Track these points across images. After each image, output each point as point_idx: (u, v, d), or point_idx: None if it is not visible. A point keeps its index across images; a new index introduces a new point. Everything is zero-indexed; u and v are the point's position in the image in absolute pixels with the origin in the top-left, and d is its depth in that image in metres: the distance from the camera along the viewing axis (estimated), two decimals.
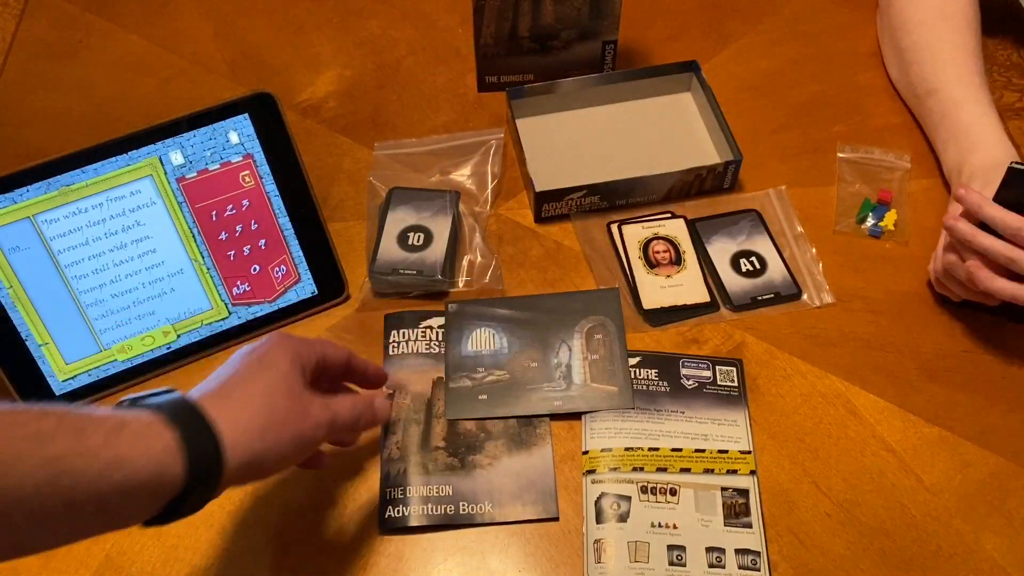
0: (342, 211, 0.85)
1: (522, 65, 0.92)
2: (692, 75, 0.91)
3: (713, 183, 0.85)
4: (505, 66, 0.92)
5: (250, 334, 0.78)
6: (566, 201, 0.83)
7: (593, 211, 0.85)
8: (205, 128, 0.72)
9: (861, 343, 0.77)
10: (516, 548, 0.67)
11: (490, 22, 0.87)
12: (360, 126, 0.92)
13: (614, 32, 0.90)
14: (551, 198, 0.83)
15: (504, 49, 0.90)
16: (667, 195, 0.85)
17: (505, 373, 0.75)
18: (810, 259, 0.82)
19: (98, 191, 0.71)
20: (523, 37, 0.89)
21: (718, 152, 0.88)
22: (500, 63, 0.92)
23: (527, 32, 0.89)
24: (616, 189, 0.83)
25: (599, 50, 0.92)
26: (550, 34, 0.89)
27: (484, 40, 0.89)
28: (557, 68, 0.92)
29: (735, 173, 0.85)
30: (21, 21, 1.03)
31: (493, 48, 0.90)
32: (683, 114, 0.91)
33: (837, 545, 0.67)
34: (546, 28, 0.89)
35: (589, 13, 0.87)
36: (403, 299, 0.80)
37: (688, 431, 0.72)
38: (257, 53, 0.99)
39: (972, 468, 0.70)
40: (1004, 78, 0.95)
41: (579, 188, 0.82)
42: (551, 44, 0.90)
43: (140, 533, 0.68)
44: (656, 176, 0.83)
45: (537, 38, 0.89)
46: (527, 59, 0.91)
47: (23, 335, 0.72)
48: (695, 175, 0.84)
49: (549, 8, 0.87)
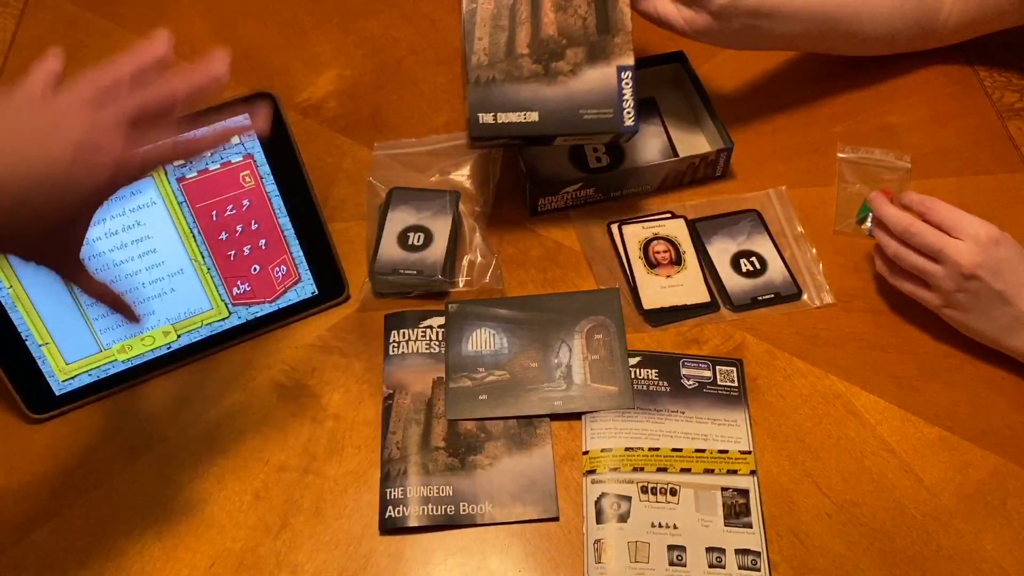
0: (342, 211, 0.85)
1: (522, 99, 0.76)
2: (679, 66, 0.91)
3: (706, 171, 0.86)
4: (502, 99, 0.76)
5: (250, 334, 0.78)
6: (562, 194, 0.83)
7: (589, 203, 0.85)
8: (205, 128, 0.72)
9: (861, 343, 0.77)
10: (516, 548, 0.67)
11: (483, 33, 0.76)
12: (360, 126, 0.92)
13: (628, 54, 0.76)
14: (547, 191, 0.83)
15: (502, 73, 0.76)
16: (661, 185, 0.86)
17: (505, 373, 0.75)
18: (810, 259, 0.82)
19: None
20: (522, 55, 0.76)
21: (709, 142, 0.88)
22: (496, 94, 0.76)
23: (526, 47, 0.76)
24: (611, 181, 0.84)
25: (614, 79, 0.77)
26: (553, 52, 0.76)
27: (477, 59, 0.76)
28: (566, 104, 0.76)
29: (727, 160, 0.86)
30: (21, 21, 1.03)
31: (488, 70, 0.76)
32: (671, 106, 0.91)
33: (837, 545, 0.67)
34: (549, 43, 0.77)
35: (596, 25, 0.77)
36: (403, 299, 0.80)
37: (688, 431, 0.72)
38: (257, 53, 0.99)
39: (972, 468, 0.70)
40: (1004, 78, 0.95)
41: (575, 181, 0.83)
42: (556, 68, 0.76)
43: (141, 532, 0.68)
44: (650, 166, 0.84)
45: (539, 57, 0.76)
46: (529, 88, 0.76)
47: (23, 335, 0.72)
48: (688, 164, 0.85)
49: (550, 16, 0.77)
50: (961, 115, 0.92)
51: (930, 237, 0.71)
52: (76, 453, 0.73)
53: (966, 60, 0.96)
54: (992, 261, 0.69)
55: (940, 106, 0.92)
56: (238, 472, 0.71)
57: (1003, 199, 0.85)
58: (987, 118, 0.91)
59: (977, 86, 0.94)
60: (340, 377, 0.76)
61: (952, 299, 0.72)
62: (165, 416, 0.75)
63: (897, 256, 0.74)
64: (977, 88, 0.94)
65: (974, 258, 0.69)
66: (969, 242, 0.70)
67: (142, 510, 0.70)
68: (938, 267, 0.71)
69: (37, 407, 0.74)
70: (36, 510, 0.70)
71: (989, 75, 0.95)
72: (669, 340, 0.77)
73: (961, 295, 0.71)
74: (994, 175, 0.87)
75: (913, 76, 0.94)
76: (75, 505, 0.70)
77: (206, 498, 0.70)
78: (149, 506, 0.70)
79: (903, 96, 0.93)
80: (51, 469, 0.72)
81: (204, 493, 0.70)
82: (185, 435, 0.73)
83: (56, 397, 0.74)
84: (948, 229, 0.71)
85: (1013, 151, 0.89)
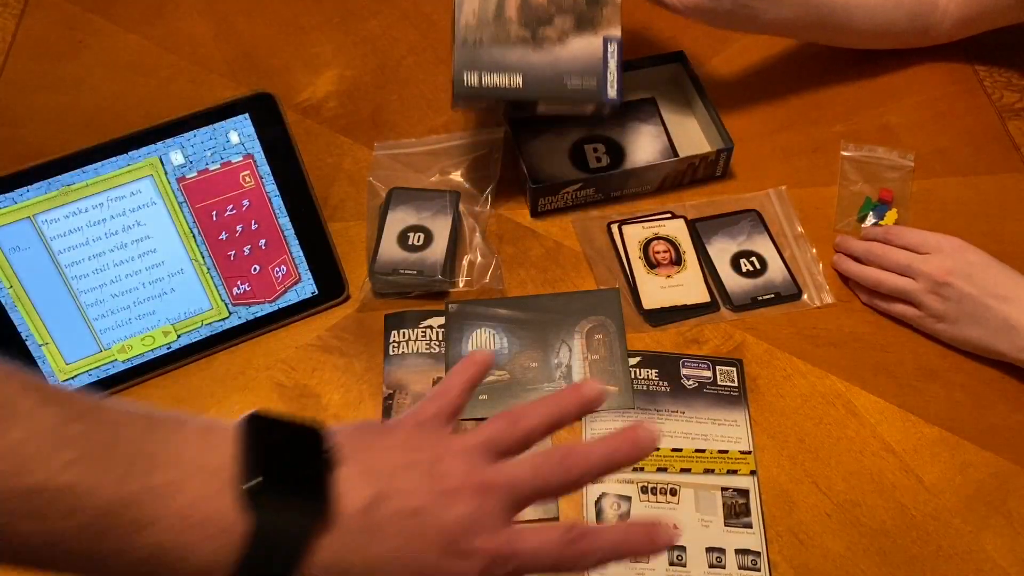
0: (342, 211, 0.85)
1: (508, 62, 0.77)
2: (680, 66, 0.91)
3: (706, 172, 0.86)
4: (488, 60, 0.76)
5: (250, 334, 0.78)
6: (562, 195, 0.83)
7: (589, 204, 0.85)
8: (205, 128, 0.72)
9: (861, 343, 0.77)
10: None
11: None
12: (360, 126, 0.92)
13: (615, 26, 0.78)
14: (547, 192, 0.83)
15: (489, 36, 0.76)
16: (661, 185, 0.86)
17: (505, 373, 0.75)
18: (810, 259, 0.82)
19: (98, 191, 0.71)
20: (511, 20, 0.77)
21: (709, 142, 0.88)
22: (483, 56, 0.76)
23: (515, 14, 0.77)
24: (611, 181, 0.84)
25: (600, 49, 0.78)
26: (542, 19, 0.77)
27: (466, 20, 0.76)
28: (550, 70, 0.77)
29: (727, 160, 0.86)
30: (21, 21, 1.03)
31: (475, 32, 0.76)
32: (671, 106, 0.91)
33: (837, 545, 0.67)
34: (538, 11, 0.77)
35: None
36: (403, 299, 0.80)
37: (688, 431, 0.72)
38: (257, 53, 0.99)
39: (972, 468, 0.70)
40: (1004, 78, 0.95)
41: (574, 181, 0.83)
42: (543, 34, 0.77)
43: None
44: (650, 166, 0.84)
45: (527, 22, 0.77)
46: (515, 52, 0.77)
47: (23, 335, 0.72)
48: (688, 164, 0.84)
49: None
50: (961, 115, 0.92)
51: (898, 256, 0.76)
52: None
53: (966, 60, 0.96)
54: (962, 265, 0.73)
55: (940, 106, 0.92)
56: None
57: (1003, 199, 0.85)
58: (987, 118, 0.91)
59: (977, 86, 0.94)
60: (340, 377, 0.76)
61: (936, 311, 0.74)
62: None
63: (877, 283, 0.76)
64: (977, 88, 0.94)
65: (943, 264, 0.73)
66: (935, 253, 0.74)
67: None
68: (913, 282, 0.74)
69: None
70: None
71: (989, 75, 0.95)
72: (669, 340, 0.77)
73: (942, 306, 0.73)
74: (994, 175, 0.87)
75: (913, 76, 0.94)
76: None
77: None
78: None
79: (903, 96, 0.93)
80: None
81: None
82: None
83: None
84: (915, 248, 0.75)
85: (1013, 151, 0.89)
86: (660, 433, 0.44)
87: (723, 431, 0.72)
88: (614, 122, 0.89)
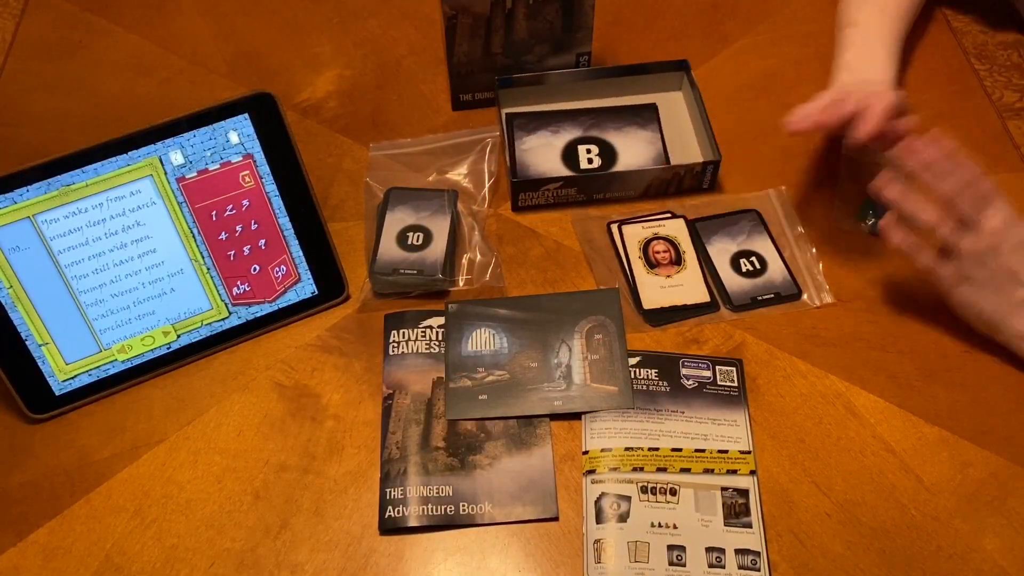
0: (342, 211, 0.86)
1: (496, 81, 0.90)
2: (683, 74, 0.91)
3: (692, 183, 0.86)
4: (479, 83, 0.90)
5: (250, 334, 0.78)
6: (543, 192, 0.83)
7: (570, 203, 0.86)
8: (205, 128, 0.72)
9: (861, 343, 0.77)
10: (516, 548, 0.67)
11: (463, 40, 0.86)
12: (360, 126, 0.92)
13: (587, 43, 0.89)
14: (527, 187, 0.83)
15: (477, 67, 0.89)
16: (645, 191, 0.86)
17: (505, 373, 0.75)
18: (810, 259, 0.82)
19: (98, 191, 0.71)
20: (496, 53, 0.88)
21: (701, 152, 0.88)
22: (474, 80, 0.90)
23: (500, 48, 0.88)
24: (593, 182, 0.84)
25: (573, 63, 0.91)
26: (523, 49, 0.88)
27: (457, 58, 0.88)
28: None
29: (714, 174, 0.85)
30: (21, 21, 1.03)
31: (466, 66, 0.89)
32: (671, 113, 0.91)
33: (837, 545, 0.67)
34: (519, 44, 0.88)
35: (562, 26, 0.87)
36: (403, 299, 0.80)
37: (688, 431, 0.72)
38: (257, 53, 0.99)
39: (972, 468, 0.70)
40: (1004, 78, 0.95)
41: (556, 179, 0.83)
42: (525, 60, 0.89)
43: (140, 532, 0.68)
44: (633, 172, 0.84)
45: (511, 54, 0.88)
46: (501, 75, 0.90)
47: (23, 335, 0.72)
48: (673, 173, 0.84)
49: (522, 24, 0.86)
50: (961, 115, 0.92)
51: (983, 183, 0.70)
52: (76, 453, 0.73)
53: (966, 60, 0.96)
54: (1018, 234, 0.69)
55: (940, 106, 0.92)
56: (238, 472, 0.71)
57: None
58: (987, 118, 0.91)
59: (977, 86, 0.94)
60: (340, 377, 0.76)
61: (969, 271, 0.70)
62: (165, 416, 0.75)
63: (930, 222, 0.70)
64: (977, 88, 0.94)
65: (1002, 229, 0.69)
66: (997, 212, 0.70)
67: (142, 510, 0.70)
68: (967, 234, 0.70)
69: (37, 407, 0.74)
70: (36, 510, 0.70)
71: (989, 75, 0.95)
72: (669, 340, 0.77)
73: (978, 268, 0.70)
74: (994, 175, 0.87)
75: (913, 76, 0.94)
76: (75, 505, 0.70)
77: (206, 498, 0.70)
78: (149, 506, 0.70)
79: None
80: (51, 469, 0.72)
81: (204, 493, 0.70)
82: (185, 435, 0.73)
83: (56, 397, 0.74)
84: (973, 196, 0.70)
85: (1013, 151, 0.89)
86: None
87: (723, 431, 0.72)
88: (612, 124, 0.89)
